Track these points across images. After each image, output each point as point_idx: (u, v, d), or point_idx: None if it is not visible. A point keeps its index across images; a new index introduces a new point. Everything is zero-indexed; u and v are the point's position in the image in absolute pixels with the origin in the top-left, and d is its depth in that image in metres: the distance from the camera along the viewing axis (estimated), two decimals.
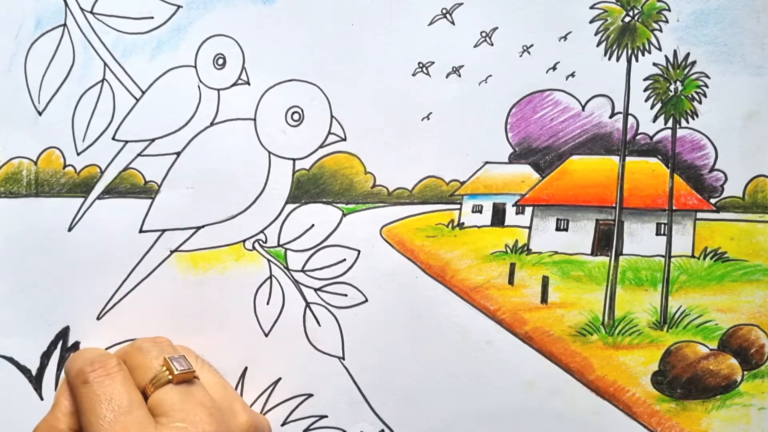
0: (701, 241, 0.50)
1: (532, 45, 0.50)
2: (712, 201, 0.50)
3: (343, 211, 0.52)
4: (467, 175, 0.51)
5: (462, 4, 0.51)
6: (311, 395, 0.52)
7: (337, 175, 0.52)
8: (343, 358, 0.52)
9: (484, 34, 0.51)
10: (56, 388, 0.54)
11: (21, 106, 0.54)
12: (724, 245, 0.50)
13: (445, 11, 0.51)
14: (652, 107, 0.50)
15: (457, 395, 0.51)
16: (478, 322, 0.51)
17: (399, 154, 0.51)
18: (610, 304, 0.50)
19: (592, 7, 0.50)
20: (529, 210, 0.51)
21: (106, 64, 0.54)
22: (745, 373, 0.50)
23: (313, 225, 0.52)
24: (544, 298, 0.51)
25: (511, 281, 0.51)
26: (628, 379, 0.50)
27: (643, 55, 0.50)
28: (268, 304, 0.53)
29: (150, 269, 0.53)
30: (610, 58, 0.50)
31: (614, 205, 0.50)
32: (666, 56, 0.50)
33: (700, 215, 0.50)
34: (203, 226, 0.53)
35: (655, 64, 0.50)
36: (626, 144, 0.50)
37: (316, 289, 0.52)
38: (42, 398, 0.54)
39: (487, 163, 0.51)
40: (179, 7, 0.53)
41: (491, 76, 0.51)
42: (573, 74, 0.50)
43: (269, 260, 0.53)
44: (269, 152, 0.52)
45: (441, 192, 0.51)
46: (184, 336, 0.53)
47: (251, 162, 0.52)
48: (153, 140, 0.53)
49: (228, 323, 0.53)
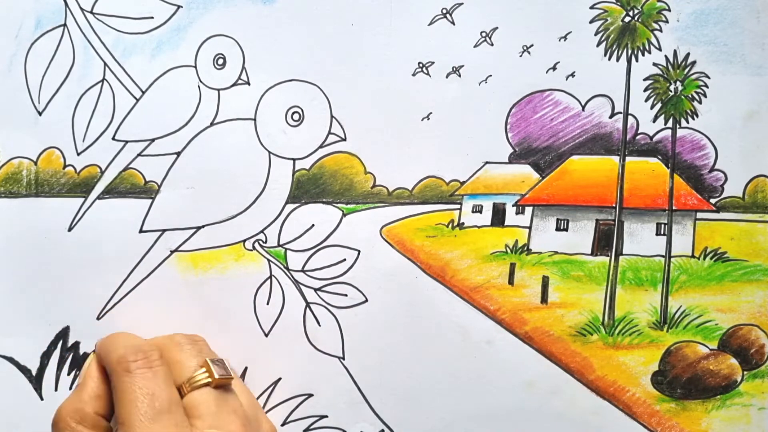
0: (701, 241, 0.50)
1: (532, 45, 0.50)
2: (712, 201, 0.50)
3: (343, 211, 0.52)
4: (467, 175, 0.51)
5: (462, 4, 0.51)
6: (311, 395, 0.52)
7: (337, 175, 0.52)
8: (343, 358, 0.52)
9: (484, 34, 0.51)
10: (57, 387, 0.54)
11: (21, 106, 0.54)
12: (724, 245, 0.50)
13: (445, 11, 0.51)
14: (652, 107, 0.50)
15: (457, 395, 0.51)
16: (478, 322, 0.51)
17: (399, 154, 0.51)
18: (610, 304, 0.50)
19: (592, 7, 0.50)
20: (529, 210, 0.51)
21: (106, 64, 0.54)
22: (745, 373, 0.50)
23: (313, 225, 0.52)
24: (544, 298, 0.51)
25: (511, 281, 0.51)
26: (628, 379, 0.50)
27: (643, 55, 0.50)
28: (268, 304, 0.53)
29: (150, 269, 0.53)
30: (610, 58, 0.50)
31: (614, 205, 0.50)
32: (666, 56, 0.50)
33: (700, 215, 0.50)
34: (203, 226, 0.53)
35: (655, 64, 0.50)
36: (626, 144, 0.50)
37: (316, 289, 0.52)
38: (42, 398, 0.54)
39: (487, 163, 0.51)
40: (179, 7, 0.53)
41: (491, 76, 0.51)
42: (573, 74, 0.50)
43: (269, 260, 0.53)
44: (269, 152, 0.52)
45: (441, 192, 0.51)
46: None
47: (251, 162, 0.52)
48: (153, 140, 0.53)
49: (228, 323, 0.53)
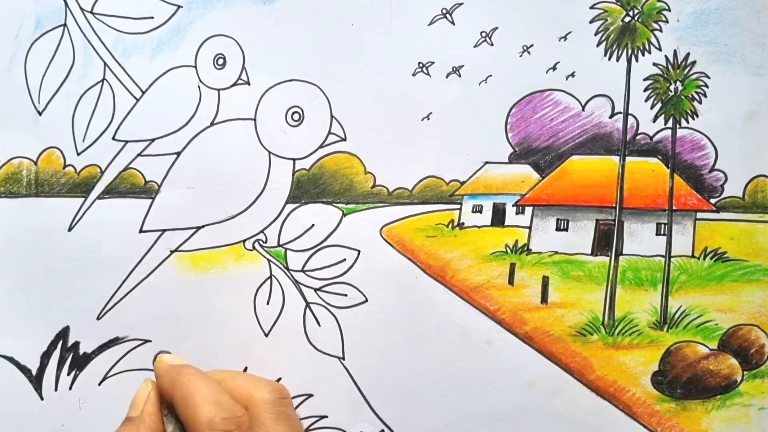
0: (701, 241, 0.50)
1: (532, 45, 0.50)
2: (712, 201, 0.50)
3: (343, 211, 0.52)
4: (467, 175, 0.51)
5: (462, 4, 0.51)
6: (311, 395, 0.52)
7: (337, 175, 0.52)
8: (343, 358, 0.52)
9: (484, 34, 0.51)
10: (57, 387, 0.54)
11: (21, 106, 0.54)
12: (724, 245, 0.50)
13: (445, 11, 0.51)
14: (652, 107, 0.50)
15: (457, 395, 0.51)
16: (478, 322, 0.51)
17: (399, 154, 0.51)
18: (610, 304, 0.50)
19: (592, 7, 0.50)
20: (529, 210, 0.51)
21: (106, 64, 0.54)
22: (745, 373, 0.50)
23: (313, 225, 0.52)
24: (544, 298, 0.51)
25: (511, 281, 0.51)
26: (628, 379, 0.50)
27: (643, 55, 0.50)
28: (268, 304, 0.53)
29: (150, 269, 0.53)
30: (610, 58, 0.50)
31: (614, 205, 0.50)
32: (666, 56, 0.50)
33: (700, 215, 0.50)
34: (203, 226, 0.53)
35: (655, 64, 0.50)
36: (626, 144, 0.50)
37: (316, 289, 0.52)
38: (42, 398, 0.54)
39: (487, 163, 0.51)
40: (179, 7, 0.53)
41: (491, 76, 0.51)
42: (573, 74, 0.50)
43: (269, 260, 0.53)
44: (269, 152, 0.52)
45: (441, 192, 0.51)
46: (185, 336, 0.53)
47: (251, 162, 0.52)
48: (153, 140, 0.53)
49: (228, 323, 0.53)
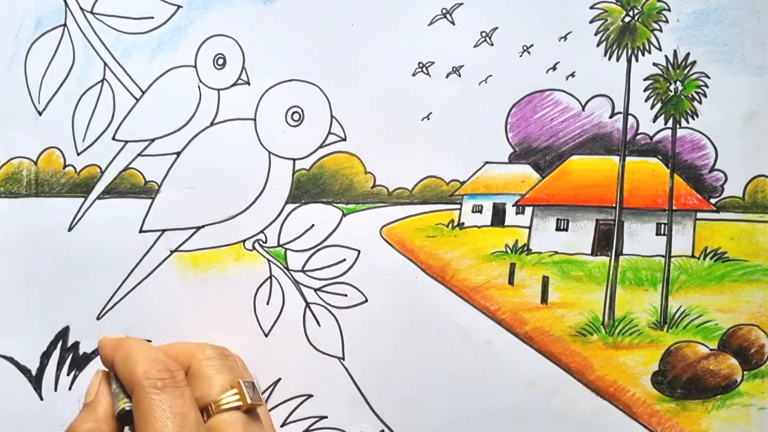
0: (701, 241, 0.50)
1: (532, 45, 0.50)
2: (712, 201, 0.50)
3: (343, 211, 0.52)
4: (467, 175, 0.51)
5: (462, 4, 0.51)
6: (311, 395, 0.52)
7: (337, 175, 0.52)
8: (343, 358, 0.52)
9: (484, 34, 0.51)
10: (57, 387, 0.54)
11: (21, 106, 0.54)
12: (724, 245, 0.50)
13: (445, 11, 0.51)
14: (652, 107, 0.50)
15: (457, 395, 0.51)
16: (478, 322, 0.51)
17: (399, 154, 0.51)
18: (610, 304, 0.50)
19: (592, 7, 0.50)
20: (529, 210, 0.51)
21: (106, 64, 0.54)
22: (745, 373, 0.50)
23: (313, 225, 0.52)
24: (544, 298, 0.51)
25: (511, 281, 0.51)
26: (628, 379, 0.50)
27: (643, 55, 0.50)
28: (268, 304, 0.53)
29: (150, 269, 0.53)
30: (610, 58, 0.50)
31: (614, 205, 0.50)
32: (666, 56, 0.50)
33: (700, 215, 0.50)
34: (203, 226, 0.53)
35: (655, 64, 0.50)
36: (626, 144, 0.50)
37: (316, 289, 0.52)
38: (42, 398, 0.54)
39: (487, 163, 0.51)
40: (179, 7, 0.53)
41: (491, 76, 0.51)
42: (573, 74, 0.50)
43: (269, 260, 0.53)
44: (269, 152, 0.52)
45: (441, 192, 0.51)
46: (185, 336, 0.53)
47: (251, 162, 0.52)
48: (153, 140, 0.53)
49: (228, 323, 0.53)
